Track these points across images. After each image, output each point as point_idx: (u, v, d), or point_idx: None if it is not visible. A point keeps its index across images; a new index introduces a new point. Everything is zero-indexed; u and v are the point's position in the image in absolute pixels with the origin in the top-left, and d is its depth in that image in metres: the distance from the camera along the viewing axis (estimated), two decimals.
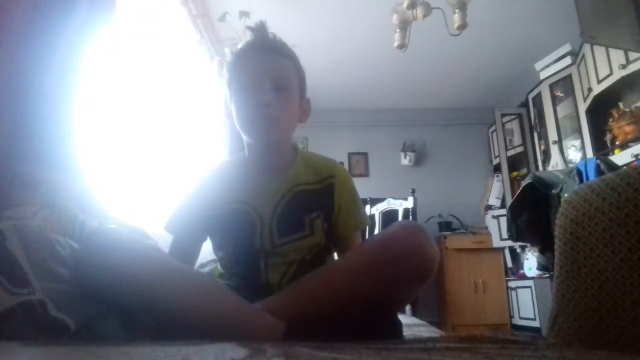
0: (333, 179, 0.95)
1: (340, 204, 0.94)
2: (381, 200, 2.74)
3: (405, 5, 2.32)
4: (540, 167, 3.67)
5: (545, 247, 2.37)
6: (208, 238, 0.98)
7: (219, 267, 0.98)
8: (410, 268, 0.73)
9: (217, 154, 2.78)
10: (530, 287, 3.48)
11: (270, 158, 0.93)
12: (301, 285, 0.78)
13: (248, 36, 0.91)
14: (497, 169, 4.22)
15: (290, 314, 0.72)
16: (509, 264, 3.89)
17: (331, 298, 0.74)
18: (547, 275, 3.13)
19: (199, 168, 2.31)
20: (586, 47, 3.05)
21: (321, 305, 0.73)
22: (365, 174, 4.51)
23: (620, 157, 2.65)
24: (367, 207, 2.73)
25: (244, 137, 0.93)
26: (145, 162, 1.81)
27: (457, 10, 2.28)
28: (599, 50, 2.90)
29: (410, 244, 0.73)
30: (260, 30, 0.90)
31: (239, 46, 0.91)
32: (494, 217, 3.99)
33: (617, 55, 2.72)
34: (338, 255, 1.01)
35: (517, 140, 4.05)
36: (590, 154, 3.05)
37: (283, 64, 0.90)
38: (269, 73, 0.87)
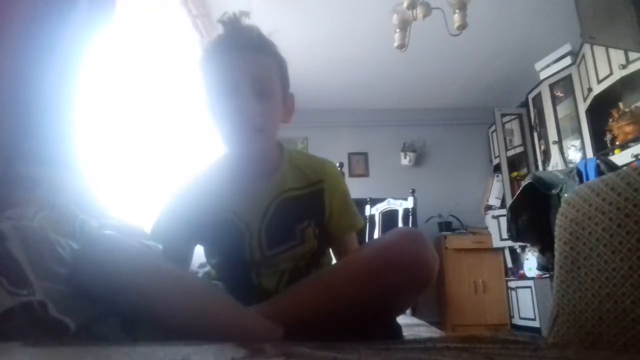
0: (322, 183, 0.89)
1: (331, 207, 0.90)
2: (381, 200, 2.74)
3: (405, 5, 2.32)
4: (540, 167, 3.67)
5: (545, 247, 2.37)
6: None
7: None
8: (409, 276, 0.72)
9: (217, 154, 2.78)
10: (530, 287, 3.49)
11: (255, 165, 0.87)
12: (298, 290, 0.76)
13: (220, 30, 0.81)
14: (497, 169, 4.22)
15: (287, 319, 0.70)
16: (509, 264, 3.90)
17: (328, 304, 0.73)
18: (547, 275, 3.13)
19: (199, 168, 2.30)
20: (586, 47, 3.05)
21: (318, 312, 0.72)
22: (365, 174, 4.51)
23: (620, 157, 2.65)
24: (367, 207, 2.73)
25: (225, 147, 0.87)
26: (146, 162, 1.80)
27: (457, 10, 2.28)
28: (599, 50, 2.90)
29: (410, 252, 0.72)
30: (233, 24, 0.81)
31: (211, 41, 0.82)
32: (494, 217, 3.99)
33: (617, 55, 2.72)
34: (335, 255, 0.98)
35: (517, 140, 4.05)
36: (590, 154, 3.05)
37: (263, 64, 0.80)
38: (248, 76, 0.78)
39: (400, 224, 2.54)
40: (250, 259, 0.84)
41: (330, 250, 0.99)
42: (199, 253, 0.98)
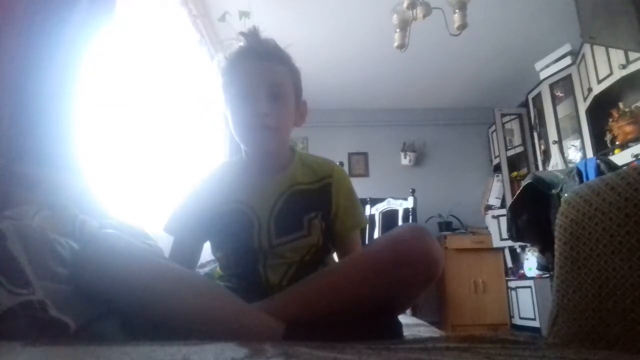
0: (330, 178, 0.95)
1: (338, 203, 0.94)
2: (381, 200, 2.74)
3: (405, 5, 2.32)
4: (540, 167, 3.67)
5: (545, 247, 2.37)
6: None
7: (217, 268, 0.98)
8: (417, 270, 0.73)
9: (217, 153, 2.78)
10: (530, 287, 3.48)
11: (268, 161, 0.94)
12: (304, 286, 0.78)
13: (241, 42, 0.90)
14: (497, 169, 4.22)
15: (292, 315, 0.71)
16: (509, 264, 3.90)
17: (336, 299, 0.74)
18: (547, 275, 3.13)
19: (199, 168, 2.31)
20: (586, 47, 3.05)
21: (325, 307, 0.73)
22: (365, 174, 4.51)
23: (620, 157, 2.65)
24: (367, 207, 2.73)
25: (242, 145, 0.93)
26: (146, 162, 1.81)
27: (457, 10, 2.28)
28: (599, 50, 2.90)
29: (418, 247, 0.73)
30: (253, 36, 0.89)
31: (233, 51, 0.90)
32: (494, 217, 3.99)
33: (617, 55, 2.72)
34: (337, 255, 1.01)
35: (517, 140, 4.05)
36: (590, 154, 3.05)
37: (278, 71, 0.89)
38: (264, 81, 0.86)
39: (400, 224, 2.54)
40: (258, 248, 0.88)
41: (334, 254, 1.01)
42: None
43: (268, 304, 0.75)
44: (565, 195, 1.31)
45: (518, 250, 3.81)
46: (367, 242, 2.21)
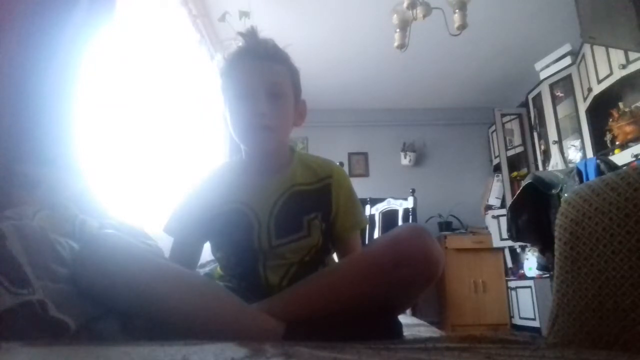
0: (330, 179, 0.95)
1: (338, 203, 0.94)
2: (381, 200, 2.74)
3: (405, 5, 2.32)
4: (540, 167, 3.67)
5: (545, 247, 2.37)
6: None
7: (218, 268, 0.98)
8: (418, 271, 0.73)
9: (217, 153, 2.78)
10: (530, 287, 3.48)
11: (268, 161, 0.94)
12: (304, 286, 0.78)
13: (239, 42, 0.89)
14: (497, 169, 4.22)
15: (291, 315, 0.71)
16: (509, 264, 3.89)
17: (336, 299, 0.74)
18: (547, 275, 3.13)
19: (199, 168, 2.31)
20: (586, 47, 3.05)
21: (325, 307, 0.73)
22: (365, 174, 4.51)
23: (620, 157, 2.65)
24: (367, 207, 2.73)
25: (241, 145, 0.93)
26: (145, 162, 1.81)
27: (457, 10, 2.28)
28: (599, 50, 2.90)
29: (418, 247, 0.73)
30: (251, 36, 0.89)
31: (231, 52, 0.90)
32: (494, 217, 3.99)
33: (617, 55, 2.72)
34: (337, 256, 1.01)
35: (517, 140, 4.05)
36: (590, 154, 3.05)
37: (277, 70, 0.89)
38: (263, 80, 0.86)
39: (400, 224, 2.54)
40: (258, 249, 0.88)
41: (334, 254, 1.01)
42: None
43: (268, 304, 0.75)
44: (565, 195, 1.31)
45: (518, 250, 3.81)
46: (367, 242, 2.21)
